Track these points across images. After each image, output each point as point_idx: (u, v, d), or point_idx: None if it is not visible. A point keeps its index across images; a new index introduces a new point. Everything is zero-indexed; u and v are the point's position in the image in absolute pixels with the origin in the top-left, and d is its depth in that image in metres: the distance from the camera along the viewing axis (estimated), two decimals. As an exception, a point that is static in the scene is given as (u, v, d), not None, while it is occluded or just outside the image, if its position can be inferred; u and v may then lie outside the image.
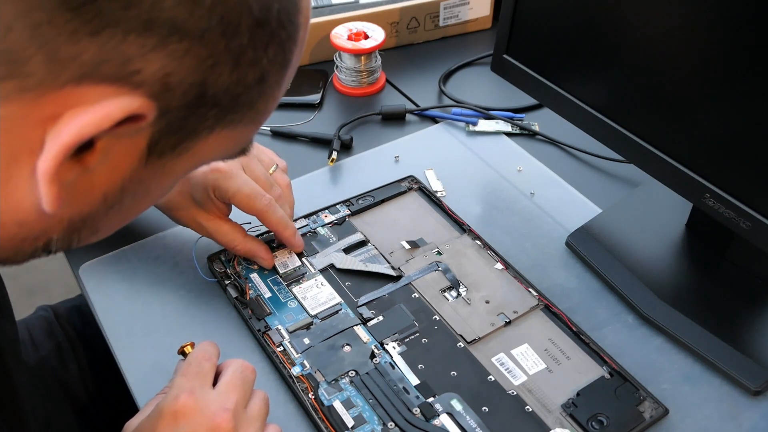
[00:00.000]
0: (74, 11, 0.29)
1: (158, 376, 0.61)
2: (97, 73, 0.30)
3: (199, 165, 0.40)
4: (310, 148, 0.86)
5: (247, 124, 0.38)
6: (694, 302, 0.67)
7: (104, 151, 0.33)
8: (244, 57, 0.34)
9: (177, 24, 0.31)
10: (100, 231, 0.39)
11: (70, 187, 0.33)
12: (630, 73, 0.64)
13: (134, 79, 0.31)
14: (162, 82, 0.32)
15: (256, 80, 0.35)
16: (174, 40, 0.31)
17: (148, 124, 0.33)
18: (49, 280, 1.67)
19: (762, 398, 0.60)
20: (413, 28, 1.03)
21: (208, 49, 0.32)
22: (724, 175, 0.59)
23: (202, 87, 0.33)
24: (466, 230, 0.73)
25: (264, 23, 0.33)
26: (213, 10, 0.31)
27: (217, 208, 0.66)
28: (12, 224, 0.34)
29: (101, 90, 0.31)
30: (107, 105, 0.31)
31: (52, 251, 0.37)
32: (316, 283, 0.67)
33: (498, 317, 0.64)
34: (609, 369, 0.60)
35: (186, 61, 0.32)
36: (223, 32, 0.32)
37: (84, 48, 0.29)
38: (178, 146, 0.36)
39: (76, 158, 0.32)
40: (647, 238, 0.73)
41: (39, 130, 0.31)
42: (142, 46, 0.30)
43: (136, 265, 0.71)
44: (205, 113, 0.35)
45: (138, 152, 0.34)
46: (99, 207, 0.36)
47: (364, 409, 0.57)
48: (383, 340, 0.62)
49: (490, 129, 0.88)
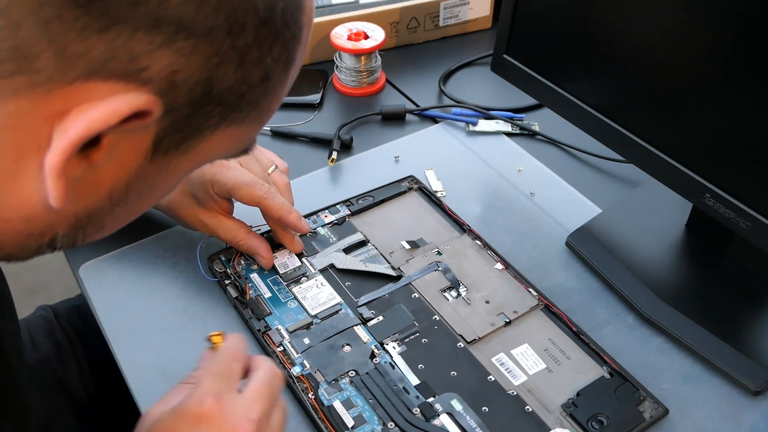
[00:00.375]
0: (83, 8, 0.29)
1: (158, 375, 0.61)
2: (106, 70, 0.31)
3: (203, 163, 0.40)
4: (310, 148, 0.86)
5: (250, 122, 0.38)
6: (694, 302, 0.67)
7: (110, 147, 0.33)
8: (249, 56, 0.34)
9: (184, 22, 0.31)
10: (105, 228, 0.39)
11: (77, 183, 0.33)
12: (630, 73, 0.64)
13: (141, 76, 0.31)
14: (168, 79, 0.32)
15: (260, 79, 0.36)
16: (181, 38, 0.31)
17: (154, 121, 0.33)
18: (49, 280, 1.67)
19: (762, 398, 0.60)
20: (413, 28, 1.03)
21: (214, 47, 0.32)
22: (724, 175, 0.59)
23: (207, 85, 0.33)
24: (466, 230, 0.73)
25: (269, 22, 0.34)
26: (219, 8, 0.32)
27: (219, 205, 0.66)
28: (18, 220, 0.34)
29: (109, 86, 0.31)
30: (115, 101, 0.31)
31: (57, 248, 0.38)
32: (316, 283, 0.67)
33: (498, 317, 0.64)
34: (609, 369, 0.60)
35: (192, 58, 0.32)
36: (229, 31, 0.32)
37: (93, 45, 0.30)
38: (182, 144, 0.36)
39: (83, 154, 0.32)
40: (647, 238, 0.73)
41: (47, 126, 0.31)
42: (150, 43, 0.31)
43: (136, 265, 0.70)
44: (210, 111, 0.35)
45: (143, 149, 0.35)
46: (105, 203, 0.36)
47: (364, 409, 0.57)
48: (383, 340, 0.62)
49: (490, 129, 0.88)
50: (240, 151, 0.42)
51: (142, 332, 0.65)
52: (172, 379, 0.61)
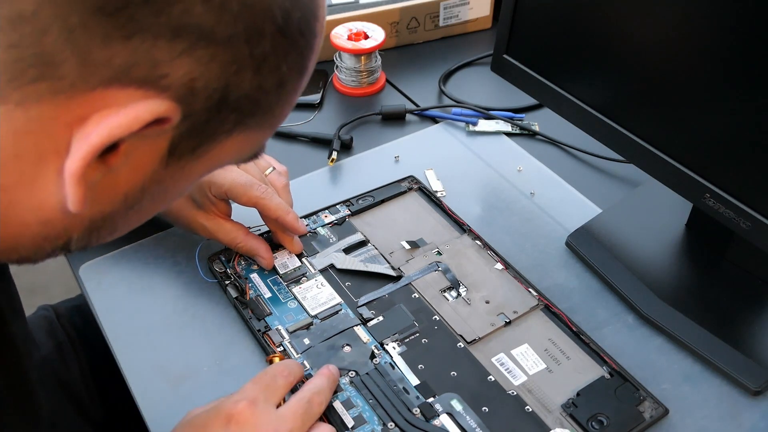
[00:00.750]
0: (109, 16, 0.30)
1: (158, 375, 0.61)
2: (127, 77, 0.31)
3: (215, 168, 0.41)
4: (310, 148, 0.86)
5: (263, 128, 0.39)
6: (694, 302, 0.67)
7: (128, 152, 0.33)
8: (266, 63, 0.35)
9: (205, 30, 0.31)
10: (118, 230, 0.40)
11: (94, 187, 0.34)
12: (630, 73, 0.64)
13: (161, 83, 0.32)
14: (188, 86, 0.33)
15: (275, 86, 0.36)
16: (201, 46, 0.32)
17: (171, 126, 0.33)
18: (49, 280, 1.67)
19: (762, 398, 0.60)
20: (413, 28, 1.03)
21: (233, 55, 0.33)
22: (724, 175, 0.59)
23: (224, 92, 0.34)
24: (466, 230, 0.73)
25: (285, 31, 0.34)
26: (239, 17, 0.32)
27: (217, 207, 0.66)
28: (35, 223, 0.35)
29: (129, 93, 0.32)
30: (136, 108, 0.32)
31: (71, 250, 0.38)
32: (316, 284, 0.67)
33: (498, 317, 0.64)
34: (609, 369, 0.60)
35: (211, 66, 0.33)
36: (248, 39, 0.33)
37: (116, 52, 0.30)
38: (197, 149, 0.36)
39: (101, 159, 0.33)
40: (647, 238, 0.73)
41: (66, 131, 0.32)
42: (171, 51, 0.31)
43: (135, 265, 0.71)
44: (226, 117, 0.35)
45: (159, 154, 0.35)
46: (120, 207, 0.37)
47: (364, 409, 0.57)
48: (383, 340, 0.62)
49: (490, 129, 0.88)
50: (251, 155, 0.42)
51: (142, 332, 0.65)
52: (172, 380, 0.61)
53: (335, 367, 0.58)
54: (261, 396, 0.51)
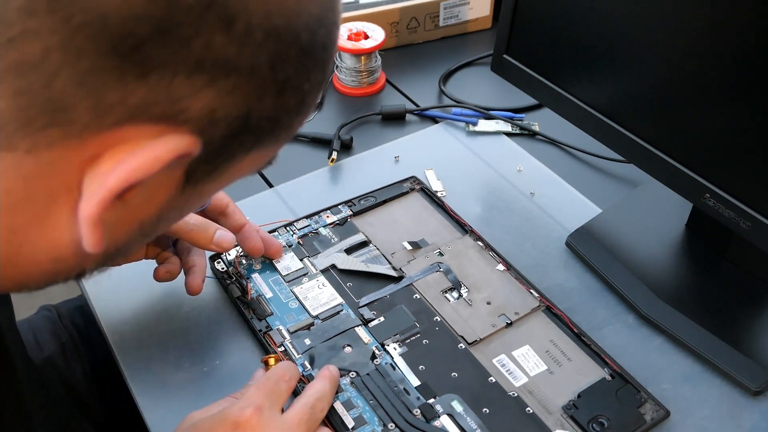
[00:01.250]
0: (122, 57, 0.28)
1: (159, 376, 0.61)
2: (143, 115, 0.30)
3: (230, 184, 0.39)
4: (310, 148, 0.86)
5: (280, 141, 0.38)
6: (694, 302, 0.67)
7: (144, 185, 0.32)
8: (289, 84, 0.33)
9: (227, 63, 0.30)
10: (131, 253, 0.39)
11: (109, 224, 0.32)
12: (630, 73, 0.64)
13: (180, 118, 0.30)
14: (208, 117, 0.31)
15: (296, 104, 0.35)
16: (222, 77, 0.30)
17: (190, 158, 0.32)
18: (49, 279, 1.66)
19: (762, 398, 0.61)
20: (413, 28, 1.03)
21: (256, 83, 0.31)
22: (724, 175, 0.60)
23: (245, 118, 0.32)
24: (467, 231, 0.73)
25: (310, 51, 0.33)
26: (263, 46, 0.30)
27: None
28: (47, 261, 0.34)
29: (145, 129, 0.30)
30: (155, 147, 0.30)
31: (84, 278, 0.38)
32: (317, 284, 0.67)
33: (499, 318, 0.64)
34: (610, 371, 0.60)
35: (233, 96, 0.31)
36: (272, 65, 0.31)
37: (131, 91, 0.29)
38: (213, 172, 0.35)
39: (117, 197, 0.31)
40: (647, 238, 0.73)
41: (78, 171, 0.30)
42: (191, 86, 0.30)
43: (136, 265, 0.70)
44: (245, 139, 0.34)
45: (176, 183, 0.34)
46: (135, 236, 0.36)
47: (364, 410, 0.57)
48: (384, 341, 0.62)
49: (490, 129, 0.88)
50: (263, 166, 0.41)
51: (143, 333, 0.65)
52: (172, 381, 0.61)
53: (336, 368, 0.58)
54: (266, 402, 0.51)
